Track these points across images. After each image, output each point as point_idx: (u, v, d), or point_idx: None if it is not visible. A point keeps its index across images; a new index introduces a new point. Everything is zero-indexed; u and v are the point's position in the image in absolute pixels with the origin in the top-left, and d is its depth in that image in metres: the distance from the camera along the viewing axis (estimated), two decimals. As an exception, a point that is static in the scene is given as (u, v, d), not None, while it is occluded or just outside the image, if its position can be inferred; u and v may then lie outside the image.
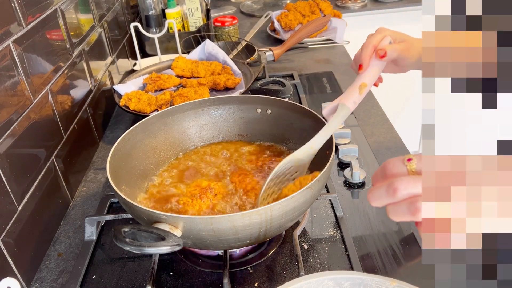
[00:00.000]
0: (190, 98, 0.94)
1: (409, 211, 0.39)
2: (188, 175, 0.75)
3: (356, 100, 0.64)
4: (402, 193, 0.40)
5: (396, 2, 1.89)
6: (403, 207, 0.40)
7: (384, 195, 0.41)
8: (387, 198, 0.41)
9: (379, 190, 0.42)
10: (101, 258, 0.69)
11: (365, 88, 0.64)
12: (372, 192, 0.43)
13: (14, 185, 0.63)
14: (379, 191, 0.42)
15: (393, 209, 0.41)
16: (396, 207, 0.41)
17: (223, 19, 1.46)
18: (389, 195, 0.41)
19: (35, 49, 0.73)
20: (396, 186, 0.40)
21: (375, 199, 0.43)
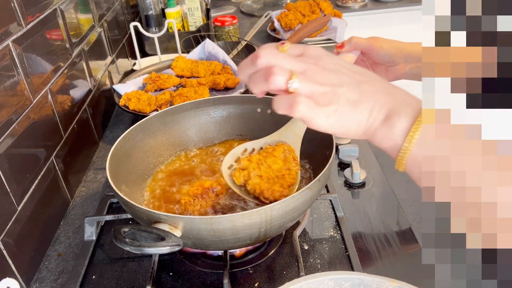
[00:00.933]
0: (190, 98, 0.94)
1: (264, 77, 0.40)
2: (188, 175, 0.75)
3: None
4: (262, 60, 0.41)
5: (396, 2, 1.89)
6: (260, 73, 0.41)
7: (248, 64, 0.42)
8: (249, 67, 0.42)
9: (245, 61, 0.43)
10: (101, 258, 0.69)
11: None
12: (240, 65, 0.44)
13: (13, 185, 0.63)
14: (245, 62, 0.43)
15: (252, 77, 0.42)
16: (255, 75, 0.42)
17: (223, 18, 1.46)
18: (251, 63, 0.42)
19: (35, 49, 0.73)
20: (259, 53, 0.41)
21: (240, 70, 0.44)
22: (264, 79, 0.40)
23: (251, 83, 0.42)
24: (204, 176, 0.74)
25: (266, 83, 0.40)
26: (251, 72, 0.42)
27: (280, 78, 0.40)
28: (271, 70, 0.40)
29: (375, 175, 0.81)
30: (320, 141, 0.70)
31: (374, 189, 0.79)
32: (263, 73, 0.40)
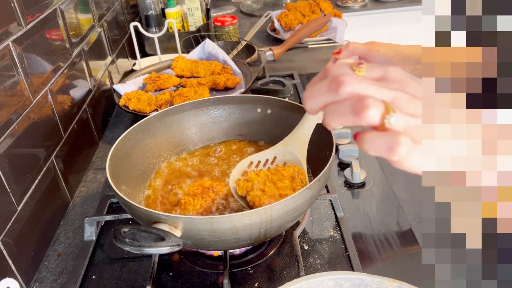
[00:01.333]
0: (190, 98, 0.94)
1: (354, 109, 0.32)
2: (188, 175, 0.75)
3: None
4: (347, 89, 0.33)
5: (396, 2, 1.89)
6: (346, 104, 0.33)
7: (325, 90, 0.34)
8: (328, 94, 0.34)
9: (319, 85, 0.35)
10: (100, 259, 0.69)
11: None
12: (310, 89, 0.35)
13: (13, 185, 0.63)
14: (319, 86, 0.35)
15: (333, 108, 0.34)
16: (337, 106, 0.33)
17: (223, 18, 1.46)
18: (331, 90, 0.34)
19: (35, 49, 0.73)
20: (343, 80, 0.33)
21: (312, 97, 0.35)
22: (354, 112, 0.32)
23: (330, 115, 0.34)
24: (204, 176, 0.74)
25: (355, 117, 0.33)
26: (330, 101, 0.34)
27: (375, 113, 0.32)
28: (363, 103, 0.32)
29: (375, 175, 0.81)
30: (320, 141, 0.70)
31: (374, 189, 0.79)
32: (351, 105, 0.33)
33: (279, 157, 0.65)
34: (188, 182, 0.73)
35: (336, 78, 0.34)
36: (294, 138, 0.64)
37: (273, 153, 0.65)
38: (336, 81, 0.33)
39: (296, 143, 0.64)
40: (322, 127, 0.69)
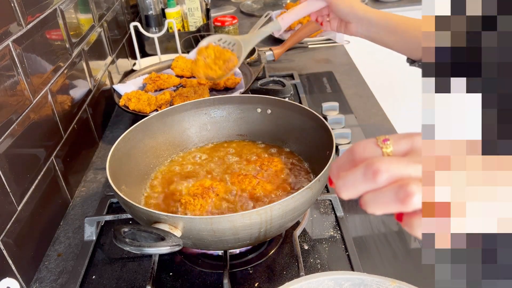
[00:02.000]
0: (190, 98, 0.94)
1: (397, 198, 0.31)
2: (188, 175, 0.75)
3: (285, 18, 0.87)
4: (384, 176, 0.32)
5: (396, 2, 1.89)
6: (388, 193, 0.31)
7: (361, 180, 0.32)
8: (365, 183, 0.32)
9: (353, 174, 0.33)
10: (101, 259, 0.69)
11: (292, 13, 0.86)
12: (343, 178, 0.34)
13: (13, 185, 0.63)
14: (353, 176, 0.33)
15: (374, 197, 0.32)
16: (378, 195, 0.32)
17: (223, 19, 1.46)
18: (367, 179, 0.32)
19: (35, 49, 0.73)
20: (377, 167, 0.32)
21: (348, 187, 0.33)
22: (398, 201, 0.31)
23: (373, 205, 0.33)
24: (204, 176, 0.74)
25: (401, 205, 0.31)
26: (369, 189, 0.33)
27: (420, 198, 0.31)
28: (406, 191, 0.30)
29: (375, 175, 0.81)
30: (320, 141, 0.70)
31: (374, 189, 0.78)
32: (393, 194, 0.31)
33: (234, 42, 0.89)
34: (188, 182, 0.73)
35: (371, 166, 0.32)
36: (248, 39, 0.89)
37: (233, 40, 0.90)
38: (371, 169, 0.32)
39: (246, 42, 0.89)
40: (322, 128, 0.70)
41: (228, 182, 0.71)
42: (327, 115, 0.98)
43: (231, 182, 0.71)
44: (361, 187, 0.33)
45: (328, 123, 0.69)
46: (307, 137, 0.75)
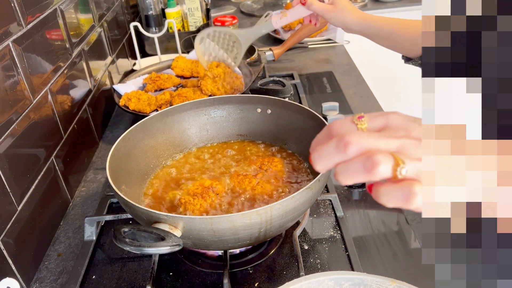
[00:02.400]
0: (189, 98, 0.94)
1: (365, 167, 0.33)
2: (188, 175, 0.75)
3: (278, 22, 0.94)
4: (354, 148, 0.34)
5: (396, 2, 1.89)
6: (357, 163, 0.33)
7: (333, 152, 0.35)
8: (336, 155, 0.35)
9: (326, 147, 0.35)
10: (101, 258, 0.69)
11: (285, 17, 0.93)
12: (318, 151, 0.36)
13: (13, 185, 0.63)
14: (326, 148, 0.35)
15: (344, 168, 0.34)
16: (348, 165, 0.34)
17: (223, 19, 1.46)
18: (339, 151, 0.34)
19: (35, 49, 0.73)
20: (348, 139, 0.34)
21: (321, 159, 0.36)
22: (365, 170, 0.33)
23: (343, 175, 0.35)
24: (204, 176, 0.74)
25: (368, 174, 0.33)
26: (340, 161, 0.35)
27: (386, 168, 0.33)
28: (373, 160, 0.33)
29: (375, 175, 0.81)
30: (320, 141, 0.70)
31: (374, 189, 0.78)
32: (361, 163, 0.33)
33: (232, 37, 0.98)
34: (188, 181, 0.73)
35: (342, 138, 0.34)
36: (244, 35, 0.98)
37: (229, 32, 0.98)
38: (343, 141, 0.34)
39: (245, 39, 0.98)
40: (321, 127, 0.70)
41: (228, 182, 0.71)
42: (327, 115, 0.98)
43: (231, 182, 0.71)
44: (333, 159, 0.35)
45: (328, 123, 0.70)
46: (307, 137, 0.75)
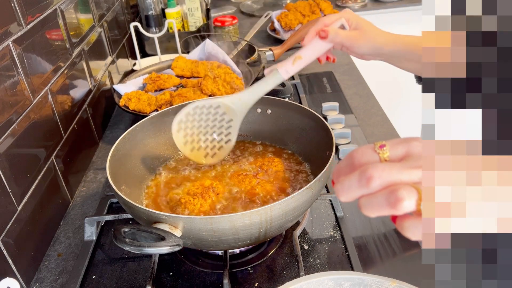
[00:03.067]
0: (190, 98, 0.94)
1: (388, 202, 0.33)
2: (188, 175, 0.75)
3: (289, 70, 0.67)
4: (377, 182, 0.34)
5: (396, 2, 1.89)
6: (380, 198, 0.33)
7: (356, 185, 0.35)
8: (360, 189, 0.35)
9: (349, 180, 0.35)
10: (101, 258, 0.69)
11: (299, 61, 0.67)
12: (341, 183, 0.36)
13: (13, 185, 0.63)
14: (349, 181, 0.35)
15: (368, 201, 0.35)
16: (371, 199, 0.34)
17: (223, 19, 1.46)
18: (361, 185, 0.34)
19: (35, 49, 0.73)
20: (370, 173, 0.34)
21: (344, 191, 0.36)
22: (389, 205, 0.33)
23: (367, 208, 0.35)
24: (204, 176, 0.74)
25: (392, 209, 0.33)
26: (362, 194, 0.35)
27: (410, 203, 0.32)
28: (396, 195, 0.32)
29: (375, 175, 0.81)
30: (320, 141, 0.70)
31: (374, 189, 0.78)
32: (385, 198, 0.33)
33: (222, 106, 0.70)
34: (188, 181, 0.73)
35: (365, 172, 0.34)
36: (242, 100, 0.69)
37: (219, 103, 0.70)
38: (365, 175, 0.34)
39: (242, 105, 0.70)
40: (322, 128, 0.70)
41: (228, 181, 0.71)
42: (327, 115, 0.98)
43: (231, 182, 0.71)
44: (357, 192, 0.35)
45: (328, 123, 0.69)
46: (307, 137, 0.75)
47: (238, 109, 0.69)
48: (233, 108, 0.69)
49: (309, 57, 0.68)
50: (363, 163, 0.36)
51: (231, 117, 0.70)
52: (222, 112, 0.70)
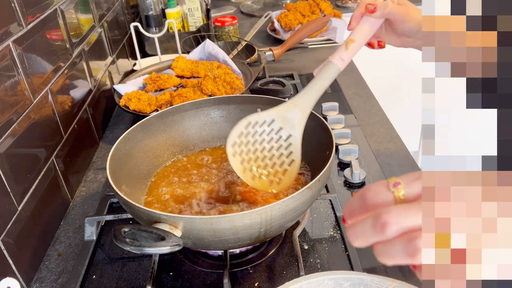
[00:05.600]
0: (190, 98, 0.94)
1: (407, 253, 0.30)
2: (188, 175, 0.75)
3: (344, 56, 0.61)
4: (393, 228, 0.31)
5: (396, 2, 1.89)
6: (397, 247, 0.31)
7: (370, 232, 0.32)
8: (374, 236, 0.32)
9: (362, 225, 0.33)
10: (101, 258, 0.69)
11: (352, 44, 0.61)
12: (353, 229, 0.34)
13: (14, 185, 0.63)
14: (362, 227, 0.33)
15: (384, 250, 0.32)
16: (388, 248, 0.32)
17: (223, 19, 1.46)
18: (376, 231, 0.32)
19: (35, 49, 0.73)
20: (385, 219, 0.31)
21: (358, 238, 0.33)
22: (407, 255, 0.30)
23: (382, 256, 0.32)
24: (204, 176, 0.74)
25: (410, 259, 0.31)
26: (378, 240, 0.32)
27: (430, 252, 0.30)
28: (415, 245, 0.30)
29: (375, 175, 0.82)
30: (320, 141, 0.70)
31: (374, 189, 0.78)
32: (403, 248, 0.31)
33: (277, 120, 0.62)
34: (188, 182, 0.73)
35: (379, 218, 0.32)
36: (298, 105, 0.61)
37: (273, 116, 0.62)
38: (380, 221, 0.32)
39: (299, 111, 0.61)
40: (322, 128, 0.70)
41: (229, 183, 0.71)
42: (327, 115, 0.98)
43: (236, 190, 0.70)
44: (371, 238, 0.33)
45: (328, 123, 0.69)
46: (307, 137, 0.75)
47: (295, 119, 0.61)
48: (290, 119, 0.61)
49: (362, 38, 0.62)
50: (377, 204, 0.33)
51: (290, 132, 0.62)
52: (278, 128, 0.62)
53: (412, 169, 0.82)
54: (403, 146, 0.90)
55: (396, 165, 0.83)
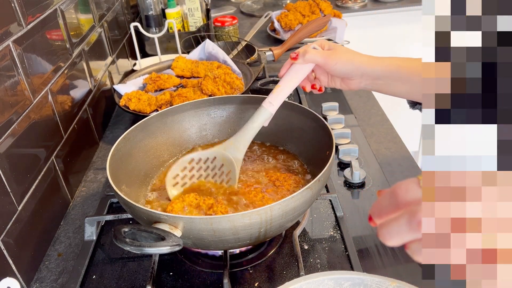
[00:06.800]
0: (190, 98, 0.94)
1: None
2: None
3: (271, 100, 0.69)
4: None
5: (396, 2, 1.89)
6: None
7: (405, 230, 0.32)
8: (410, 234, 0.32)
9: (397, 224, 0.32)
10: (101, 258, 0.69)
11: (278, 88, 0.68)
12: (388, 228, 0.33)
13: (14, 185, 0.63)
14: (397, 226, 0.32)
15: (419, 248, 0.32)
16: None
17: (223, 19, 1.46)
18: (412, 230, 0.31)
19: (35, 49, 0.73)
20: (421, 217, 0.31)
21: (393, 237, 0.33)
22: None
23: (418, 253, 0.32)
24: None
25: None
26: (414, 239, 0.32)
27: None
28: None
29: (375, 175, 0.82)
30: (320, 141, 0.70)
31: (373, 189, 0.79)
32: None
33: (218, 157, 0.71)
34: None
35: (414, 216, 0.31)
36: (234, 143, 0.70)
37: (214, 153, 0.71)
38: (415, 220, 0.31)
39: (234, 149, 0.70)
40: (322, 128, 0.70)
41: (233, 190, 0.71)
42: (327, 115, 0.98)
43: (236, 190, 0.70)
44: (406, 237, 0.32)
45: (328, 123, 0.69)
46: (307, 137, 0.75)
47: (234, 156, 0.70)
48: (229, 157, 0.70)
49: (288, 83, 0.68)
50: (408, 202, 0.33)
51: (229, 168, 0.70)
52: (220, 164, 0.71)
53: (412, 169, 0.82)
54: (403, 146, 0.90)
55: (396, 165, 0.83)
